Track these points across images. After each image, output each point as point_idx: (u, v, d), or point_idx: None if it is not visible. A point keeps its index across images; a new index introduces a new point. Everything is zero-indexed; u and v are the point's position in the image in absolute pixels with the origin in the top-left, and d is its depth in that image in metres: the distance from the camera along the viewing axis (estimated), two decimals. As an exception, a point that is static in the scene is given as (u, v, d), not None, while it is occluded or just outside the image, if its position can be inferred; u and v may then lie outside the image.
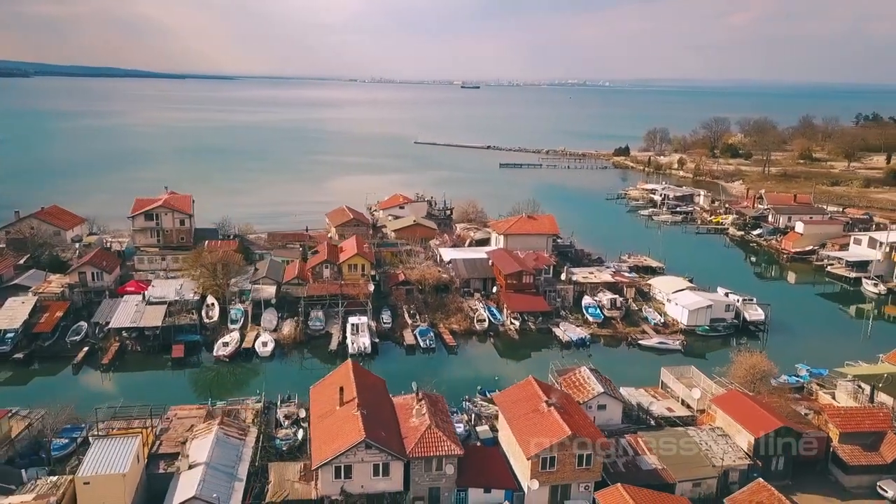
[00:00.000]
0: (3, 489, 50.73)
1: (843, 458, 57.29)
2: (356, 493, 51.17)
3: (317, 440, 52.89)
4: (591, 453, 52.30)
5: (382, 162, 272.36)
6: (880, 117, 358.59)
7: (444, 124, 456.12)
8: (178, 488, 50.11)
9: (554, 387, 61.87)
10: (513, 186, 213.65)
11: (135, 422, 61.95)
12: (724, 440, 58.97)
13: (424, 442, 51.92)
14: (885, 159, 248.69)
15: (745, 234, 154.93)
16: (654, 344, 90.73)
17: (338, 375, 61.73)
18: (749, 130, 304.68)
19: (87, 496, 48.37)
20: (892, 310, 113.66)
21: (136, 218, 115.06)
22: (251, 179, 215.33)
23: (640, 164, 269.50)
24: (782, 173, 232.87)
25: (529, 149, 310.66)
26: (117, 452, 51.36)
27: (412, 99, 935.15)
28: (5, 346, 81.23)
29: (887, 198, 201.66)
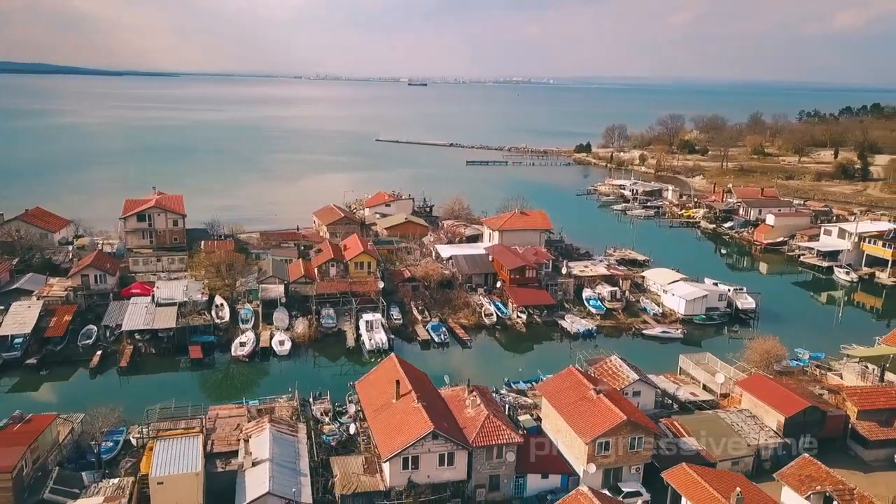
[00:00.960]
0: (68, 493, 50.43)
1: (863, 434, 61.54)
2: (422, 482, 52.66)
3: (380, 433, 54.14)
4: (643, 437, 55.10)
5: (349, 160, 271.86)
6: (821, 114, 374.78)
7: (401, 122, 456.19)
8: (247, 485, 50.66)
9: (594, 376, 64.38)
10: (484, 184, 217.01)
11: (181, 422, 61.89)
12: (753, 421, 62.60)
13: (486, 431, 53.77)
14: (832, 154, 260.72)
15: (716, 227, 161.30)
16: (656, 333, 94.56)
17: (384, 370, 63.01)
18: (703, 127, 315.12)
19: (161, 496, 48.54)
20: (863, 297, 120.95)
21: (129, 219, 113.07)
22: (221, 179, 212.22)
23: (601, 160, 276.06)
24: (739, 168, 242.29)
25: (492, 146, 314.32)
26: (184, 452, 51.66)
27: (362, 96, 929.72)
28: (15, 351, 79.38)
29: (839, 191, 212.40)
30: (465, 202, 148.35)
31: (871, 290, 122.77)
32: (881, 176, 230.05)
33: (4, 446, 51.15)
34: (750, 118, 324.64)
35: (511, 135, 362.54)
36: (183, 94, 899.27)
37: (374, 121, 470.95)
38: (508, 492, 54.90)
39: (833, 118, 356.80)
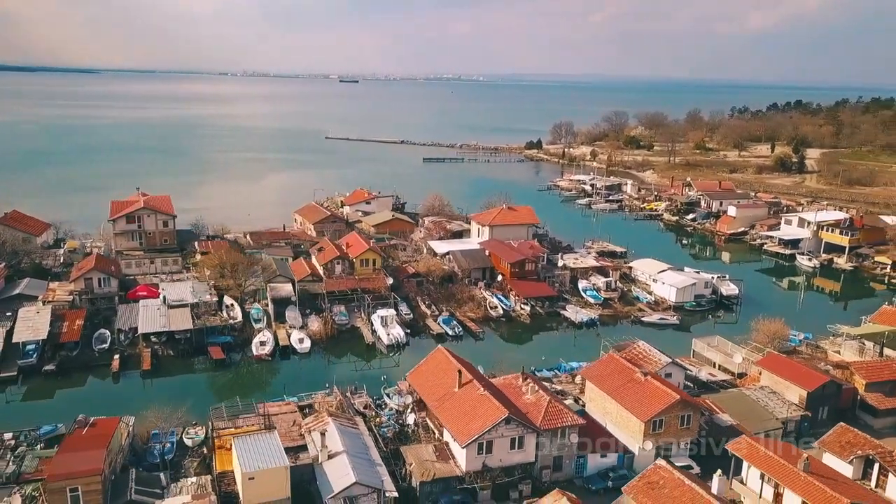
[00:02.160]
0: (151, 493, 50.61)
1: (872, 404, 67.59)
2: (495, 466, 55.19)
3: (452, 421, 56.30)
4: (691, 414, 59.23)
5: (305, 158, 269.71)
6: (751, 110, 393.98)
7: (344, 119, 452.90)
8: (330, 477, 52.02)
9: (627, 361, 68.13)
10: (445, 181, 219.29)
11: (238, 419, 62.30)
12: (776, 396, 67.76)
13: (550, 415, 56.70)
14: (769, 148, 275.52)
15: (679, 219, 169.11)
16: (654, 320, 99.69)
17: (435, 361, 65.11)
18: (646, 123, 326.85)
19: (252, 490, 49.44)
20: (825, 281, 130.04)
21: (118, 221, 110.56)
22: (181, 180, 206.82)
23: (553, 156, 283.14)
24: (686, 162, 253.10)
25: (444, 143, 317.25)
26: (266, 447, 52.53)
27: (295, 93, 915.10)
28: (30, 359, 77.44)
29: (779, 183, 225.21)
30: (445, 199, 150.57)
31: (831, 275, 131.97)
32: (815, 168, 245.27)
33: (83, 450, 50.79)
34: (688, 115, 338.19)
35: (457, 132, 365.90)
36: (105, 91, 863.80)
37: (317, 118, 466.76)
38: (570, 471, 58.04)
39: (762, 114, 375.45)
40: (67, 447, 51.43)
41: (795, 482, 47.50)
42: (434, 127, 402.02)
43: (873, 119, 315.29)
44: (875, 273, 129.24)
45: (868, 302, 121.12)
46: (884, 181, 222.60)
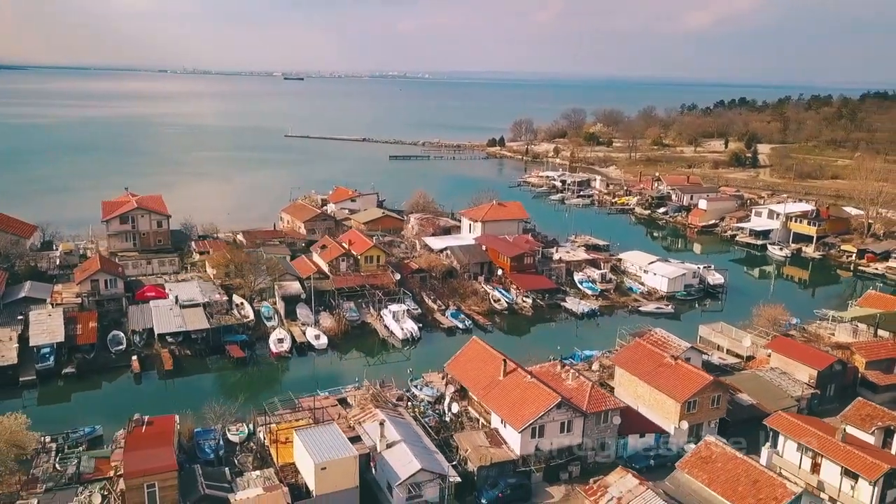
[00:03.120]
0: (221, 487, 51.35)
1: (873, 381, 72.77)
2: (546, 449, 57.73)
3: (503, 408, 58.56)
4: (721, 394, 62.99)
5: (270, 156, 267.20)
6: (700, 107, 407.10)
7: (299, 117, 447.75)
8: (394, 465, 53.62)
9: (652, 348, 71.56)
10: (418, 178, 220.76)
11: (286, 413, 63.20)
12: (786, 377, 72.27)
13: (594, 399, 59.52)
14: (722, 144, 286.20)
15: (651, 213, 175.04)
16: (651, 309, 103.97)
17: (473, 352, 67.27)
18: (603, 120, 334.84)
19: (324, 480, 50.70)
20: (795, 270, 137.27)
21: (111, 222, 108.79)
22: (153, 180, 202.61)
23: (516, 153, 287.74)
24: (646, 158, 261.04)
25: (406, 141, 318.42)
26: (330, 439, 53.80)
27: (241, 91, 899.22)
28: (48, 362, 76.33)
29: (736, 177, 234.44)
30: (430, 196, 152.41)
31: (801, 264, 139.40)
32: (767, 163, 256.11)
33: (151, 448, 51.17)
34: (643, 111, 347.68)
35: (415, 129, 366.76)
36: (39, 88, 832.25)
37: (271, 116, 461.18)
38: (612, 452, 61.02)
39: (710, 111, 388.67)
40: (132, 446, 51.62)
41: (836, 451, 51.53)
42: (391, 124, 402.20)
43: (816, 115, 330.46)
44: (841, 261, 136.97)
45: (837, 288, 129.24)
46: (831, 174, 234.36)
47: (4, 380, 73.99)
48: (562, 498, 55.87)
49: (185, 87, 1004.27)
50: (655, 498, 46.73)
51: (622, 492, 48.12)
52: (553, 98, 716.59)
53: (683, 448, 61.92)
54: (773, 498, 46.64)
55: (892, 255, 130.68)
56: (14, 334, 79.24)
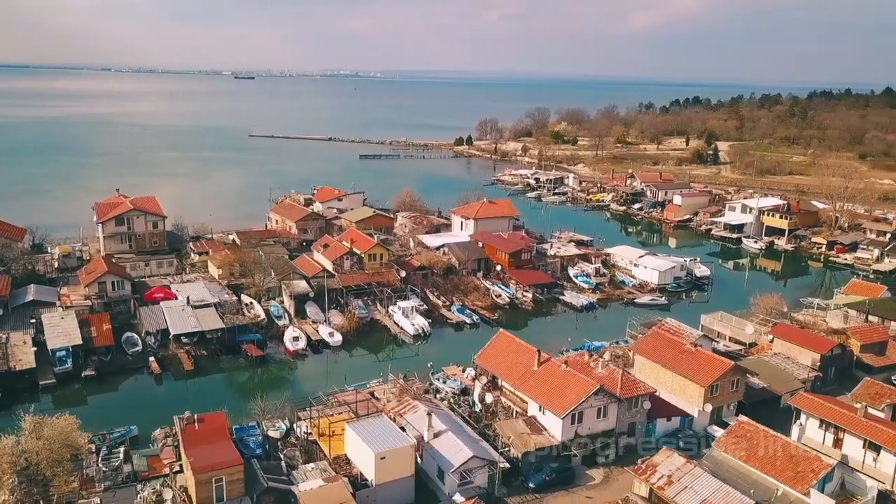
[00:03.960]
0: (281, 480, 52.47)
1: (868, 363, 77.67)
2: (584, 434, 60.40)
3: (541, 396, 60.96)
4: (739, 378, 66.68)
5: (239, 156, 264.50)
6: (655, 106, 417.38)
7: (259, 116, 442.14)
8: (445, 453, 55.64)
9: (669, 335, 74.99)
10: (391, 176, 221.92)
11: (325, 408, 64.39)
12: (789, 361, 76.56)
13: (626, 385, 62.43)
14: (683, 141, 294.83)
15: (627, 209, 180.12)
16: (646, 301, 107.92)
17: (502, 344, 69.57)
18: (566, 119, 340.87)
19: (384, 469, 52.37)
20: (769, 261, 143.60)
21: (107, 224, 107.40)
22: (127, 181, 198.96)
23: (484, 152, 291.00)
24: (612, 156, 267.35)
25: (373, 140, 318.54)
26: (383, 430, 55.49)
27: (192, 91, 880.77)
28: (66, 365, 75.64)
29: (699, 173, 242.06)
30: (416, 195, 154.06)
31: (774, 256, 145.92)
32: (727, 160, 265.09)
33: (209, 443, 51.92)
34: (604, 110, 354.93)
35: (377, 128, 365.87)
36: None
37: (231, 115, 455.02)
38: (642, 435, 64.06)
39: (666, 110, 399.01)
40: (190, 442, 52.24)
41: (859, 426, 55.50)
42: (353, 124, 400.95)
43: (769, 114, 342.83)
44: (812, 252, 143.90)
45: (809, 278, 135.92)
46: (789, 170, 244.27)
47: (23, 384, 73.07)
48: (602, 480, 58.56)
49: (133, 86, 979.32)
50: (704, 474, 49.75)
51: (671, 470, 51.03)
52: (506, 97, 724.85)
53: (706, 430, 65.67)
54: (811, 470, 50.23)
55: (860, 245, 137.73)
56: (28, 338, 78.26)
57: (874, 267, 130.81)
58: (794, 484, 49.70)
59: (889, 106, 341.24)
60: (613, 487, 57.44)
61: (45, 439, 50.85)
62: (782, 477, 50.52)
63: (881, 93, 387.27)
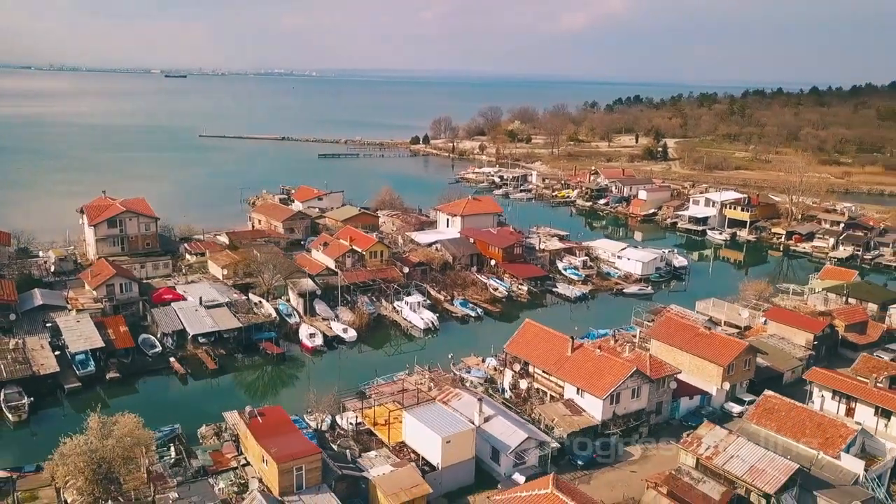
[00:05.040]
0: (352, 468, 54.41)
1: (853, 341, 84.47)
2: (620, 414, 64.37)
3: (580, 379, 64.61)
4: (751, 358, 72.00)
5: (192, 156, 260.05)
6: (598, 104, 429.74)
7: (202, 115, 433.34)
8: (499, 436, 58.62)
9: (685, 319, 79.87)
10: (354, 175, 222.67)
11: (369, 399, 66.38)
12: (785, 342, 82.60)
13: (654, 367, 66.75)
14: (632, 139, 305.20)
15: (593, 204, 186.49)
16: (634, 291, 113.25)
17: (530, 332, 72.86)
18: (518, 117, 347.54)
19: (449, 452, 55.01)
20: (733, 252, 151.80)
21: (99, 226, 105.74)
22: (86, 183, 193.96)
23: (442, 151, 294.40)
24: (567, 154, 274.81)
25: (327, 139, 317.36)
26: (442, 416, 58.11)
27: (125, 90, 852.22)
28: (89, 368, 75.11)
29: (654, 169, 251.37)
30: (395, 193, 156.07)
31: (737, 246, 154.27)
32: (675, 156, 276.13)
33: (281, 435, 53.44)
34: (554, 108, 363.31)
35: (327, 127, 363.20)
36: None
37: (174, 115, 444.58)
38: (668, 414, 68.53)
39: (612, 108, 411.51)
40: (261, 434, 53.52)
41: (871, 395, 61.23)
42: (302, 122, 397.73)
43: (709, 112, 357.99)
44: (772, 242, 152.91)
45: (769, 267, 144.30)
46: (735, 166, 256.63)
47: (45, 388, 72.23)
48: (641, 456, 62.60)
49: (58, 84, 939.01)
50: (747, 443, 54.28)
51: (716, 441, 55.37)
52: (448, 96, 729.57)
53: (723, 406, 70.74)
54: (839, 436, 55.49)
55: (816, 235, 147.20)
56: (44, 342, 77.24)
57: (831, 254, 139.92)
58: (826, 448, 54.80)
59: (818, 104, 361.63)
60: (652, 462, 61.51)
61: (116, 437, 51.31)
62: (813, 443, 55.58)
63: (809, 91, 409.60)
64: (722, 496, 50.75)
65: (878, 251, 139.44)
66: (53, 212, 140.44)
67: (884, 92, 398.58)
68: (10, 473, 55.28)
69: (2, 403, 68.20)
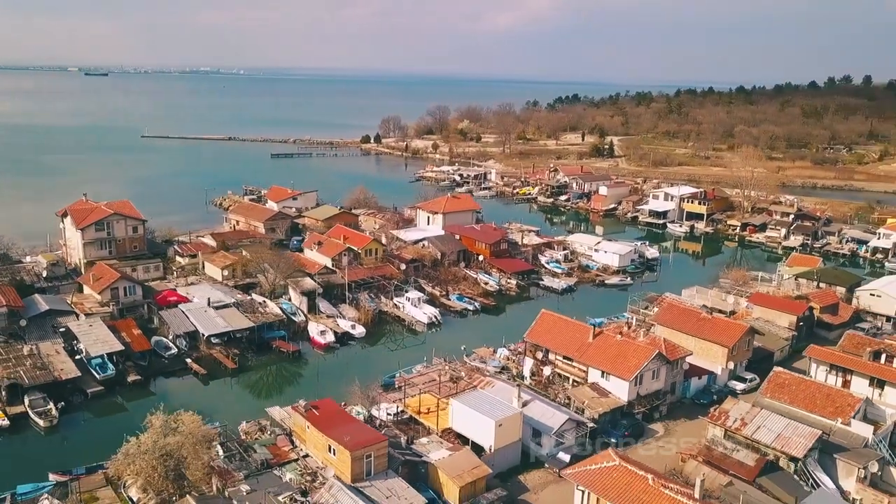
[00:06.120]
0: (417, 453, 56.85)
1: (828, 322, 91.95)
2: (643, 394, 68.91)
3: (605, 363, 68.79)
4: (751, 339, 77.94)
5: (140, 157, 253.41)
6: (539, 103, 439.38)
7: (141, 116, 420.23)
8: (540, 418, 62.22)
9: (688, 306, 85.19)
10: (310, 174, 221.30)
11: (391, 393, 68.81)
12: (770, 324, 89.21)
13: (669, 350, 71.51)
14: (578, 137, 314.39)
15: (554, 201, 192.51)
16: (616, 282, 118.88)
17: (549, 322, 76.61)
18: (467, 116, 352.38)
19: (501, 435, 58.20)
20: (691, 244, 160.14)
21: (87, 229, 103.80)
22: (33, 186, 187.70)
23: (394, 150, 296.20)
24: (519, 152, 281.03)
25: (276, 138, 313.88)
26: (488, 402, 61.25)
27: (45, 88, 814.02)
28: (108, 372, 74.68)
29: (602, 166, 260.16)
30: (370, 192, 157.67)
31: (695, 238, 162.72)
32: (621, 153, 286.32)
33: (344, 425, 55.50)
34: (499, 108, 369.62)
35: (273, 127, 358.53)
36: None
37: (108, 115, 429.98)
38: (680, 393, 73.57)
39: (553, 107, 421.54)
40: (325, 426, 55.43)
41: (866, 367, 67.72)
42: (244, 122, 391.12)
43: (647, 110, 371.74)
44: (728, 233, 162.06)
45: (727, 256, 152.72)
46: (678, 162, 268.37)
47: (66, 392, 71.46)
48: (664, 432, 67.37)
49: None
50: (771, 414, 59.55)
51: (742, 414, 60.45)
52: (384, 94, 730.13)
53: (727, 384, 76.35)
54: (848, 405, 61.47)
55: (768, 226, 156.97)
56: (59, 347, 76.37)
57: (783, 244, 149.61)
58: (837, 416, 60.60)
59: (748, 102, 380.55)
60: (675, 436, 66.40)
61: (183, 434, 52.28)
62: (825, 412, 61.32)
63: (737, 91, 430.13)
64: (756, 462, 55.71)
65: (826, 240, 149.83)
66: (19, 217, 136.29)
67: (805, 91, 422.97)
68: (65, 477, 55.29)
69: (28, 410, 67.32)
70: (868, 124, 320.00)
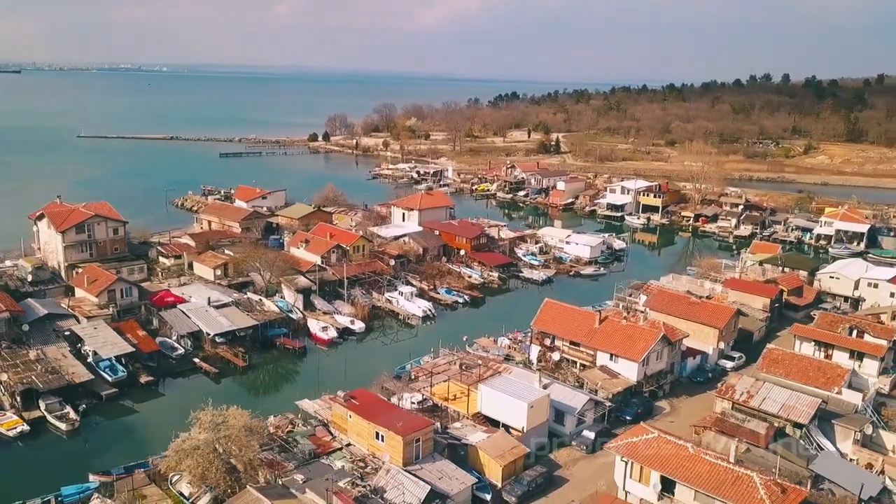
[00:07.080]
0: (454, 436, 59.46)
1: (795, 303, 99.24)
2: (649, 374, 73.46)
3: (612, 347, 72.93)
4: (737, 320, 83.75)
5: (83, 158, 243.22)
6: (481, 101, 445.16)
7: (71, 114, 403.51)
8: (563, 399, 65.88)
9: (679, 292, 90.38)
10: (262, 173, 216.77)
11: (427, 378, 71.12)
12: (746, 307, 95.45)
13: (669, 332, 76.27)
14: (524, 134, 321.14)
15: (513, 196, 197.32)
16: (591, 272, 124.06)
17: (554, 310, 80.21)
18: (413, 113, 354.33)
19: (532, 416, 61.46)
20: (648, 235, 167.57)
21: (67, 232, 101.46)
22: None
23: (344, 147, 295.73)
24: (469, 149, 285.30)
25: (220, 137, 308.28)
26: (515, 386, 64.56)
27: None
28: (120, 374, 74.24)
29: (551, 162, 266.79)
30: (339, 191, 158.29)
31: (652, 229, 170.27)
32: (567, 149, 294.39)
33: (388, 412, 57.71)
34: (444, 105, 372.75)
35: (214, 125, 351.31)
36: None
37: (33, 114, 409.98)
38: (678, 372, 78.55)
39: (496, 105, 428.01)
40: (370, 414, 57.48)
41: (846, 342, 74.20)
42: (178, 121, 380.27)
43: (587, 107, 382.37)
44: (682, 224, 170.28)
45: (681, 245, 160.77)
46: (622, 157, 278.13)
47: (78, 396, 70.77)
48: (671, 410, 72.13)
49: None
50: (774, 386, 64.90)
51: (747, 387, 65.62)
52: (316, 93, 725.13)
53: (717, 363, 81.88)
54: (837, 375, 67.57)
55: (720, 216, 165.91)
56: (65, 350, 75.35)
57: (734, 233, 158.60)
58: (829, 386, 66.55)
59: (681, 99, 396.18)
60: (681, 412, 71.30)
61: (235, 428, 53.37)
62: (818, 383, 67.20)
63: (668, 88, 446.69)
64: (767, 430, 60.80)
65: (773, 228, 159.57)
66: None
67: (731, 88, 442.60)
68: (109, 477, 55.43)
69: (46, 414, 66.51)
70: (791, 120, 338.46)
